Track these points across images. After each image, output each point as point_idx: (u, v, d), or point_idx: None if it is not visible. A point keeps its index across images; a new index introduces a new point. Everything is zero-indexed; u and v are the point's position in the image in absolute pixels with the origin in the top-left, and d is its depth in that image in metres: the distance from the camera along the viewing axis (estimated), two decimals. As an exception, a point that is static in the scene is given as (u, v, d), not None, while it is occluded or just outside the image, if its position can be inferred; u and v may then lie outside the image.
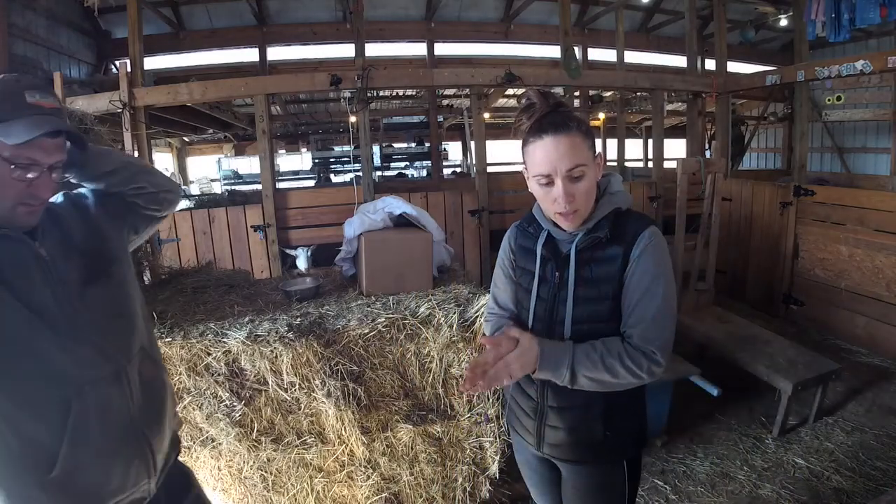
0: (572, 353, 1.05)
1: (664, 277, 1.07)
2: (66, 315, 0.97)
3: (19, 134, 0.88)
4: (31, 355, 0.92)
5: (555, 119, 1.04)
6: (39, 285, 0.96)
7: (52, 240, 1.02)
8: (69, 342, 0.96)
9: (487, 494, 1.94)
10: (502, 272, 1.27)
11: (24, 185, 0.92)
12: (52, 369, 0.93)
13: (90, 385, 0.96)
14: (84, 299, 1.01)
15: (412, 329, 1.78)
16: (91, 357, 0.98)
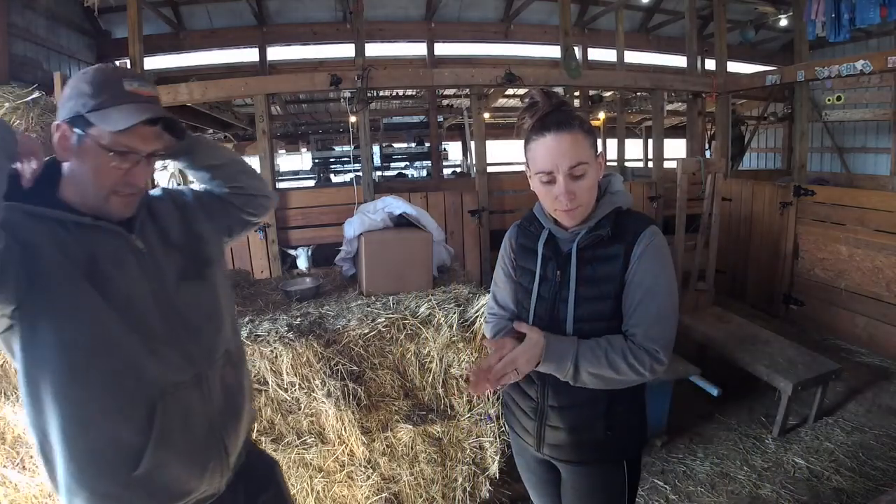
0: (577, 348, 1.06)
1: (666, 276, 1.08)
2: (160, 313, 0.96)
3: (118, 121, 0.86)
4: (121, 356, 0.90)
5: (558, 117, 1.05)
6: (136, 279, 0.94)
7: (150, 233, 1.01)
8: (159, 344, 0.94)
9: (487, 494, 1.94)
10: (503, 271, 1.27)
11: (120, 174, 0.90)
12: (140, 371, 0.91)
13: (174, 388, 0.95)
14: (177, 299, 0.99)
15: (412, 329, 1.78)
16: (177, 361, 0.96)
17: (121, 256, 0.93)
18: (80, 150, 0.88)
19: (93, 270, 0.88)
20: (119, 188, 0.91)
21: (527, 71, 4.19)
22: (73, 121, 0.88)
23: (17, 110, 1.92)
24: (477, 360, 1.81)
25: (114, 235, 0.94)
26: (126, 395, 0.90)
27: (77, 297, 0.86)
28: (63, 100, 0.89)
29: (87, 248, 0.89)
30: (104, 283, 0.89)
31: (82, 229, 0.90)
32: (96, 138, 0.87)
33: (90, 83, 0.88)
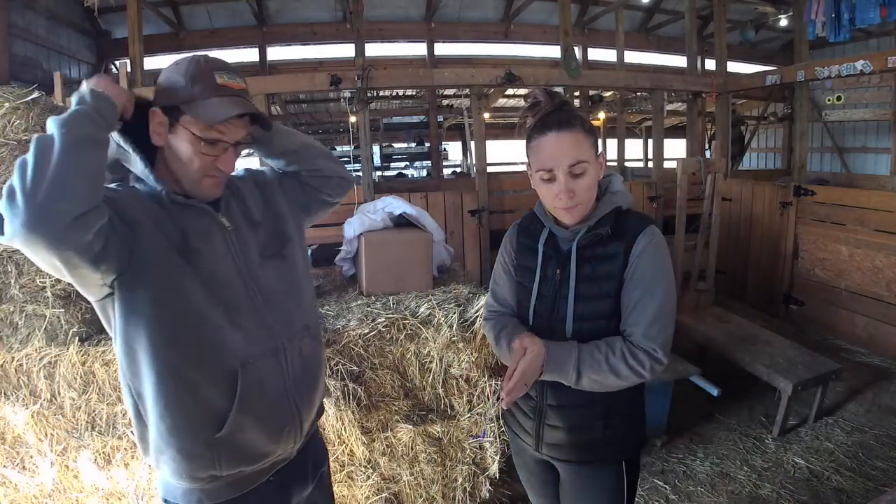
0: (578, 353, 1.07)
1: (665, 276, 1.09)
2: (243, 288, 1.02)
3: (212, 115, 0.93)
4: (207, 327, 0.96)
5: (559, 116, 1.07)
6: (222, 254, 1.01)
7: (235, 212, 1.07)
8: (241, 318, 1.00)
9: (487, 494, 1.94)
10: (502, 269, 1.28)
11: (210, 160, 0.97)
12: (223, 342, 0.97)
13: (254, 358, 1.00)
14: (260, 274, 1.05)
15: (412, 329, 1.78)
16: (257, 334, 1.02)
17: (209, 234, 1.00)
18: (175, 138, 0.96)
19: (185, 246, 0.95)
20: (209, 172, 0.98)
21: (527, 71, 4.19)
22: (169, 110, 0.94)
23: (17, 110, 1.91)
24: (477, 360, 1.82)
25: (203, 214, 1.01)
26: (211, 363, 0.96)
27: (171, 271, 0.93)
28: (159, 88, 0.96)
29: (180, 224, 0.96)
30: (195, 258, 0.96)
31: (177, 207, 0.97)
32: (189, 128, 0.94)
33: (184, 75, 0.94)
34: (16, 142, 1.87)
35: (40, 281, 1.69)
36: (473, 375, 1.83)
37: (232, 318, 0.99)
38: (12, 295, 1.67)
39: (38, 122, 1.94)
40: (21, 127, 1.90)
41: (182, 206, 0.98)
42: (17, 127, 1.89)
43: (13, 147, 1.86)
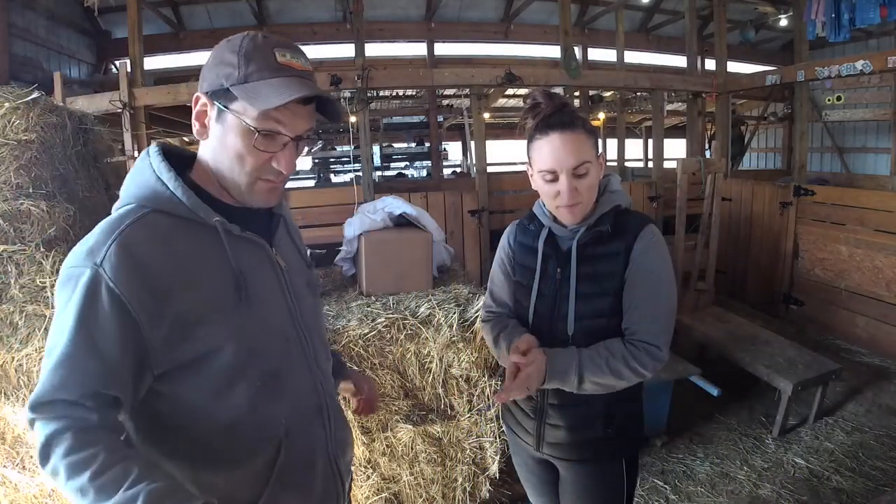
0: (579, 359, 1.07)
1: (665, 274, 1.10)
2: (297, 340, 0.86)
3: (269, 98, 0.72)
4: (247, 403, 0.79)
5: (562, 117, 1.07)
6: (279, 301, 0.84)
7: (285, 244, 0.91)
8: (288, 379, 0.84)
9: (487, 494, 1.94)
10: (500, 269, 1.28)
11: (265, 158, 0.77)
12: (268, 416, 0.81)
13: (299, 425, 0.85)
14: (309, 320, 0.89)
15: (412, 329, 1.78)
16: (307, 395, 0.88)
17: (263, 275, 0.82)
18: (222, 128, 0.76)
19: (241, 293, 0.77)
20: (264, 174, 0.78)
21: (527, 71, 4.19)
22: (215, 94, 0.75)
23: (17, 110, 1.91)
24: (477, 360, 1.82)
25: (257, 248, 0.83)
26: (249, 444, 0.80)
27: (222, 332, 0.75)
28: (205, 70, 0.77)
29: (235, 262, 0.78)
30: (249, 308, 0.78)
31: (231, 240, 0.78)
32: (241, 115, 0.74)
33: (236, 52, 0.74)
34: (16, 142, 1.87)
35: (40, 281, 1.70)
36: (473, 375, 1.83)
37: (274, 387, 0.82)
38: (12, 295, 1.67)
39: (38, 122, 1.94)
40: (21, 127, 1.90)
41: (235, 237, 0.79)
42: (17, 127, 1.89)
43: (13, 147, 1.86)
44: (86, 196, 2.04)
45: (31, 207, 1.83)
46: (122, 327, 0.69)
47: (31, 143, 1.89)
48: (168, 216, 0.75)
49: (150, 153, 0.79)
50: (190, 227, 0.76)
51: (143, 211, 0.74)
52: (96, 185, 2.20)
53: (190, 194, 0.76)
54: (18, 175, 1.85)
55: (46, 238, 1.82)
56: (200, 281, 0.75)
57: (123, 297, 0.69)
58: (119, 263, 0.69)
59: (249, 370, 0.78)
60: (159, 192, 0.75)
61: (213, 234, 0.77)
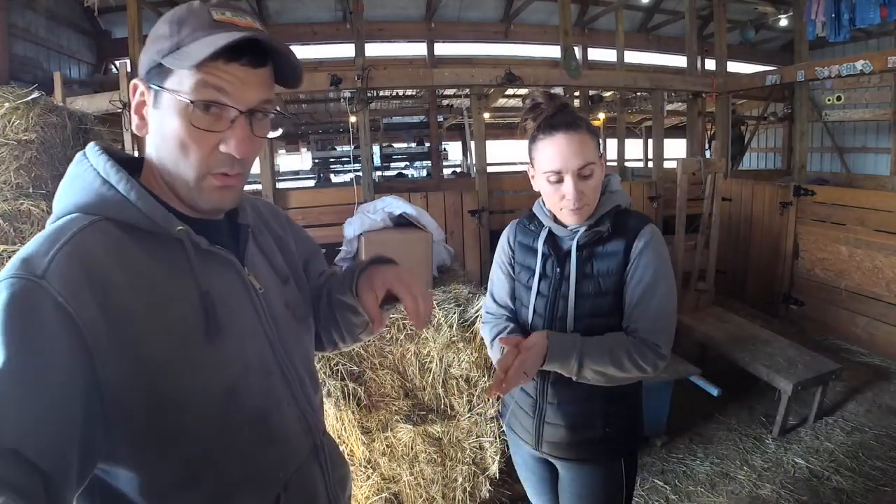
0: (580, 344, 1.07)
1: (665, 273, 1.11)
2: (281, 374, 0.72)
3: (197, 52, 0.57)
4: (234, 457, 0.65)
5: (566, 118, 1.08)
6: (255, 330, 0.69)
7: (258, 261, 0.75)
8: (277, 423, 0.70)
9: (487, 494, 1.94)
10: (500, 269, 1.28)
11: (213, 141, 0.61)
12: (260, 469, 0.68)
13: (296, 473, 0.73)
14: (293, 350, 0.75)
15: (412, 329, 1.78)
16: (299, 436, 0.74)
17: (236, 300, 0.67)
18: (160, 114, 0.62)
19: (210, 324, 0.62)
20: (214, 166, 0.62)
21: (527, 71, 4.19)
22: (150, 75, 0.62)
23: (17, 110, 1.91)
24: (477, 360, 1.82)
25: (226, 266, 0.68)
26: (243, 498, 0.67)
27: (194, 373, 0.61)
28: (141, 53, 0.64)
29: (202, 283, 0.63)
30: (220, 343, 0.63)
31: (196, 255, 0.63)
32: (176, 90, 0.59)
33: (169, 22, 0.62)
34: (16, 142, 1.87)
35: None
36: (473, 375, 1.83)
37: (263, 433, 0.68)
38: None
39: (38, 122, 1.94)
40: (21, 127, 1.90)
41: (202, 253, 0.64)
42: (17, 127, 1.89)
43: (13, 147, 1.86)
44: (86, 196, 2.04)
45: (31, 207, 1.83)
46: (72, 358, 0.52)
47: (31, 143, 1.89)
48: (120, 226, 0.60)
49: (88, 154, 0.63)
50: (147, 239, 0.61)
51: (91, 218, 0.59)
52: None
53: (146, 197, 0.61)
54: (18, 175, 1.85)
55: (46, 238, 1.82)
56: (165, 305, 0.59)
57: (76, 317, 0.52)
58: (69, 275, 0.53)
59: (231, 419, 0.64)
60: (107, 196, 0.60)
61: (175, 248, 0.62)
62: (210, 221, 0.68)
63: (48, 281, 0.52)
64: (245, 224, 0.73)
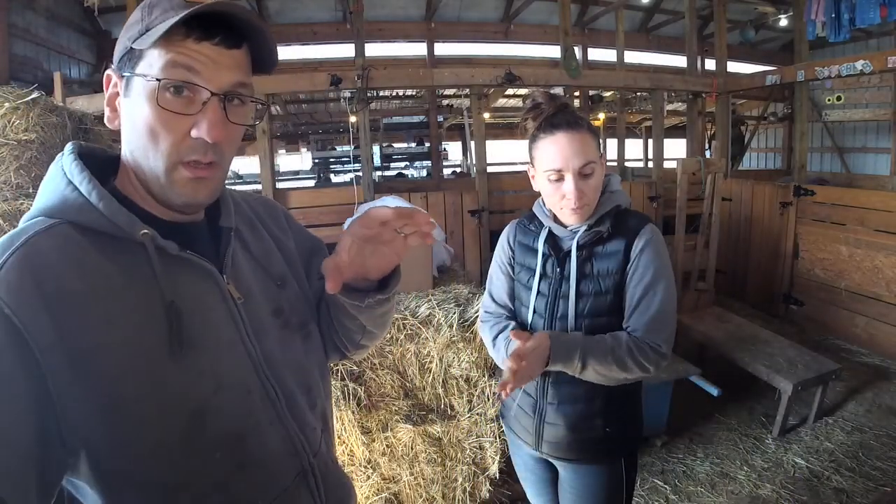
0: (583, 342, 1.07)
1: (665, 272, 1.11)
2: (261, 391, 0.65)
3: (161, 28, 0.54)
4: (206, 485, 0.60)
5: (567, 117, 1.08)
6: (232, 344, 0.63)
7: (243, 271, 0.68)
8: (255, 446, 0.64)
9: (487, 494, 1.94)
10: (499, 269, 1.28)
11: (185, 127, 0.57)
12: (236, 497, 0.63)
13: (278, 498, 0.66)
14: (280, 363, 0.68)
15: (412, 329, 1.78)
16: (281, 459, 0.67)
17: (208, 310, 0.62)
18: (130, 102, 0.58)
19: (174, 338, 0.57)
20: (185, 154, 0.57)
21: (527, 71, 4.19)
22: (121, 63, 0.59)
23: (17, 110, 1.91)
24: (477, 360, 1.82)
25: (201, 276, 0.62)
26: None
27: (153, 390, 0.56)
28: (116, 45, 0.61)
29: (168, 292, 0.58)
30: (189, 359, 0.58)
31: (163, 261, 0.58)
32: (144, 73, 0.56)
33: (141, 7, 0.59)
34: (16, 142, 1.87)
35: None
36: (473, 375, 1.83)
37: (238, 457, 0.62)
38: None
39: (37, 122, 1.94)
40: (21, 127, 1.90)
41: (171, 259, 0.59)
42: (17, 127, 1.89)
43: (13, 147, 1.86)
44: (86, 196, 2.04)
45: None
46: (19, 372, 0.48)
47: (31, 143, 1.89)
48: (81, 230, 0.56)
49: (63, 154, 0.60)
50: (109, 245, 0.57)
51: (50, 222, 0.55)
52: (96, 185, 2.19)
53: (108, 199, 0.57)
54: (18, 175, 1.85)
55: (46, 238, 1.82)
56: (124, 315, 0.55)
57: (24, 330, 0.49)
58: (18, 283, 0.50)
59: (200, 442, 0.59)
60: (69, 199, 0.56)
61: (140, 255, 0.57)
62: (188, 225, 0.64)
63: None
64: (227, 227, 0.68)
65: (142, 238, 0.57)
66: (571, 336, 1.09)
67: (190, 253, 0.61)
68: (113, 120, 0.61)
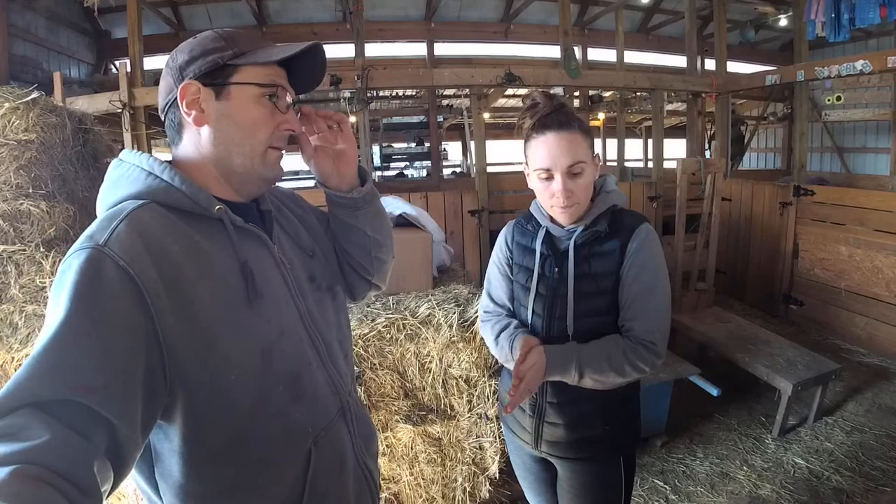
0: (578, 353, 1.09)
1: (661, 272, 1.13)
2: (309, 340, 0.80)
3: (272, 54, 0.74)
4: (272, 412, 0.72)
5: (559, 118, 1.09)
6: (284, 300, 0.77)
7: (283, 238, 0.84)
8: (306, 383, 0.77)
9: (487, 494, 1.94)
10: (497, 270, 1.28)
11: (277, 120, 0.76)
12: (290, 428, 0.75)
13: (325, 430, 0.80)
14: (319, 319, 0.83)
15: (412, 329, 1.78)
16: (327, 397, 0.81)
17: (267, 271, 0.76)
18: (227, 105, 0.73)
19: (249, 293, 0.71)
20: (274, 141, 0.76)
21: (526, 71, 4.18)
22: (209, 75, 0.72)
23: (17, 110, 1.91)
24: (477, 360, 1.82)
25: (259, 244, 0.77)
26: (276, 459, 0.74)
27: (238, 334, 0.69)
28: (178, 65, 0.73)
29: (241, 257, 0.72)
30: (259, 308, 0.72)
31: (236, 233, 0.73)
32: (251, 79, 0.73)
33: (217, 38, 0.74)
34: (16, 142, 1.87)
35: (40, 281, 1.70)
36: (473, 375, 1.83)
37: (295, 391, 0.75)
38: (12, 295, 1.67)
39: (37, 122, 1.94)
40: (21, 127, 1.90)
41: (238, 229, 0.73)
42: (16, 127, 1.89)
43: (13, 147, 1.86)
44: (86, 196, 2.05)
45: (31, 207, 1.83)
46: (134, 313, 0.59)
47: (30, 143, 1.89)
48: (166, 208, 0.68)
49: (125, 158, 0.73)
50: (190, 218, 0.70)
51: (142, 201, 0.67)
52: (96, 186, 2.19)
53: (189, 182, 0.70)
54: (18, 175, 1.85)
55: (46, 238, 1.82)
56: (212, 272, 0.68)
57: (137, 278, 0.60)
58: (129, 242, 0.61)
59: (269, 377, 0.72)
60: (153, 185, 0.69)
61: (215, 227, 0.72)
62: (242, 205, 0.78)
63: (110, 247, 0.60)
64: (268, 210, 0.84)
65: (218, 213, 0.71)
66: (566, 348, 1.10)
67: (251, 225, 0.75)
68: (201, 121, 0.73)
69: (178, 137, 0.75)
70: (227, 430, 0.69)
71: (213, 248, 0.70)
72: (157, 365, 0.61)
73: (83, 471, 0.49)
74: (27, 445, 0.47)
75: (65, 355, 0.54)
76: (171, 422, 0.66)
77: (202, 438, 0.67)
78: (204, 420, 0.67)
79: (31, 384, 0.51)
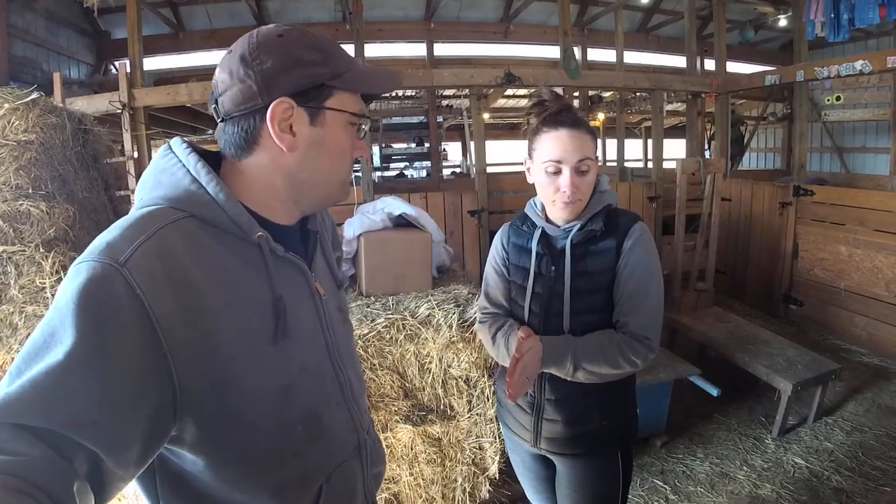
0: (573, 346, 1.11)
1: (655, 269, 1.15)
2: (334, 377, 0.76)
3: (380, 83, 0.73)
4: (289, 454, 0.69)
5: (571, 116, 1.13)
6: (316, 335, 0.73)
7: (321, 270, 0.79)
8: (326, 422, 0.73)
9: (487, 495, 1.94)
10: (494, 271, 1.30)
11: (357, 146, 0.72)
12: (310, 465, 0.72)
13: (339, 467, 0.76)
14: (343, 351, 0.79)
15: (412, 329, 1.78)
16: (345, 435, 0.78)
17: (301, 304, 0.71)
18: (321, 130, 0.67)
19: (277, 328, 0.65)
20: (351, 167, 0.75)
21: (526, 71, 4.19)
22: (303, 95, 0.65)
23: (17, 111, 1.91)
24: (477, 360, 1.82)
25: (297, 272, 0.71)
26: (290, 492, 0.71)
27: (259, 371, 0.64)
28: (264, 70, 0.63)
29: (275, 289, 0.66)
30: (286, 345, 0.66)
31: (272, 261, 0.66)
32: (347, 108, 0.68)
33: (311, 48, 0.66)
34: (15, 142, 1.87)
35: (40, 282, 1.70)
36: (473, 376, 1.83)
37: (315, 431, 0.71)
38: (12, 296, 1.67)
39: (37, 123, 1.94)
40: (21, 127, 1.90)
41: (276, 258, 0.67)
42: (16, 127, 1.89)
43: (13, 147, 1.86)
44: (85, 196, 2.05)
45: (31, 208, 1.83)
46: (142, 354, 0.54)
47: (30, 143, 1.89)
48: (203, 224, 0.63)
49: (174, 149, 0.66)
50: (227, 240, 0.64)
51: (178, 214, 0.61)
52: (96, 186, 2.20)
53: (233, 202, 0.64)
54: (18, 175, 1.85)
55: (46, 239, 1.82)
56: (239, 304, 0.62)
57: (150, 310, 0.54)
58: (150, 268, 0.55)
59: (288, 416, 0.68)
60: (196, 195, 0.63)
61: (253, 251, 0.65)
62: (286, 227, 0.72)
63: (128, 269, 0.54)
64: (314, 230, 0.78)
65: (258, 240, 0.65)
66: (561, 339, 1.12)
67: (291, 254, 0.69)
68: (293, 146, 0.66)
69: (247, 151, 0.66)
70: (241, 465, 0.65)
71: (247, 276, 0.64)
72: (169, 403, 0.57)
73: (63, 490, 0.47)
74: (9, 459, 0.45)
75: (60, 385, 0.49)
76: (181, 446, 0.62)
77: (212, 466, 0.64)
78: (216, 460, 0.64)
79: (21, 408, 0.48)
